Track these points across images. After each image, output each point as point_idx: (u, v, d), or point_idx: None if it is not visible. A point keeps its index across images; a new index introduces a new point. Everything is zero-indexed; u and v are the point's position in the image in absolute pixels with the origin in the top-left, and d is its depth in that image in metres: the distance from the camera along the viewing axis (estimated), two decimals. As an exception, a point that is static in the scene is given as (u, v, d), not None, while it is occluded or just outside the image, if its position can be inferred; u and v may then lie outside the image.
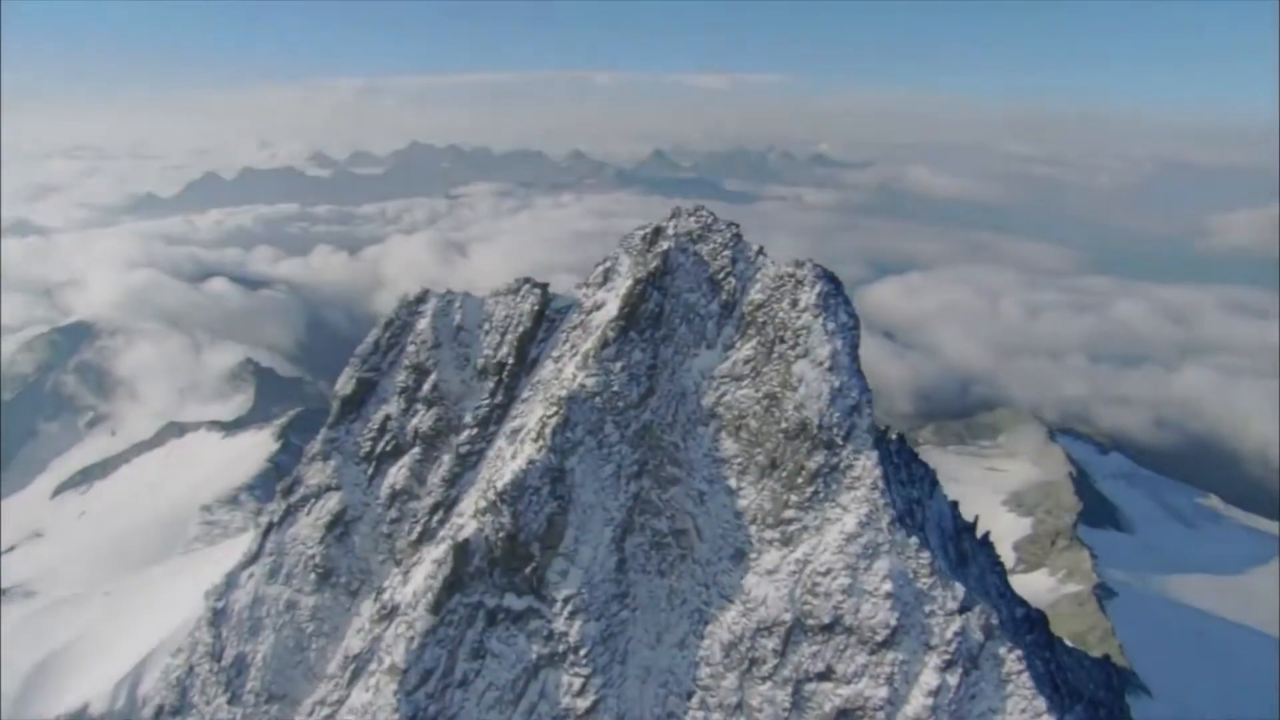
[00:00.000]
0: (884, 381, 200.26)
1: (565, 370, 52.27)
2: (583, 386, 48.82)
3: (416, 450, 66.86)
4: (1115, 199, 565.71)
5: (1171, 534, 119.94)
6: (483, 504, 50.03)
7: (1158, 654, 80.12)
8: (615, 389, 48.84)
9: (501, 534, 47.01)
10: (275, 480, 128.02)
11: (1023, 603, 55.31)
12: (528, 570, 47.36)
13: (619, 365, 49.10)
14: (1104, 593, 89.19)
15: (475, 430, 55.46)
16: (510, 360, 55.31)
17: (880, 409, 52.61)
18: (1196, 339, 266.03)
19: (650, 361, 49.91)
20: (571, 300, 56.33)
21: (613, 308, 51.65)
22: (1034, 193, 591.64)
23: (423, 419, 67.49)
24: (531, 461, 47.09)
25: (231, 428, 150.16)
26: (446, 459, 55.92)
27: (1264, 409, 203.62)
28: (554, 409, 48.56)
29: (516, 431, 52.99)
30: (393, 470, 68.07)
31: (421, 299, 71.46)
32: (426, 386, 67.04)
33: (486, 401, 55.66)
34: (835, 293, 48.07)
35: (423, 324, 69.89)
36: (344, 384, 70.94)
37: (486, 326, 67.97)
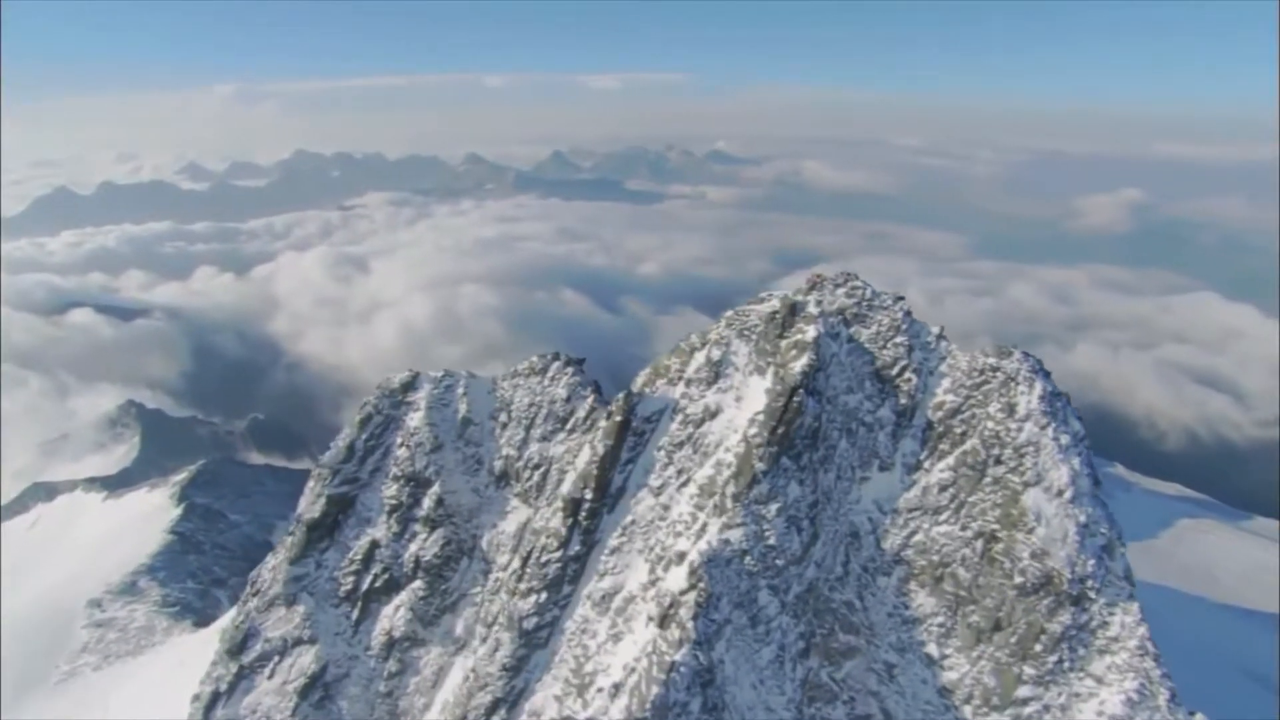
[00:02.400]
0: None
1: (676, 508, 37.43)
2: (726, 543, 34.15)
3: (419, 584, 52.33)
4: (992, 186, 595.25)
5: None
6: (578, 711, 34.89)
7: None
8: (771, 542, 34.52)
9: (638, 777, 31.97)
10: (181, 555, 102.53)
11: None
12: (673, 819, 32.57)
13: (774, 508, 34.71)
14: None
15: (544, 595, 39.67)
16: (589, 496, 39.66)
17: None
18: (1081, 316, 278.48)
19: (811, 497, 35.77)
20: (664, 403, 41.04)
21: (740, 419, 37.06)
22: (921, 183, 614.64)
23: (425, 544, 52.89)
24: (674, 667, 32.08)
25: (115, 485, 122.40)
26: (506, 639, 39.85)
27: (1146, 378, 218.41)
28: (689, 580, 33.62)
29: (610, 596, 37.81)
30: (387, 611, 53.57)
31: (410, 385, 55.52)
32: (428, 502, 52.72)
33: (557, 555, 39.87)
34: (1058, 392, 35.52)
35: (415, 419, 54.71)
36: (309, 505, 53.83)
37: (504, 418, 53.42)
